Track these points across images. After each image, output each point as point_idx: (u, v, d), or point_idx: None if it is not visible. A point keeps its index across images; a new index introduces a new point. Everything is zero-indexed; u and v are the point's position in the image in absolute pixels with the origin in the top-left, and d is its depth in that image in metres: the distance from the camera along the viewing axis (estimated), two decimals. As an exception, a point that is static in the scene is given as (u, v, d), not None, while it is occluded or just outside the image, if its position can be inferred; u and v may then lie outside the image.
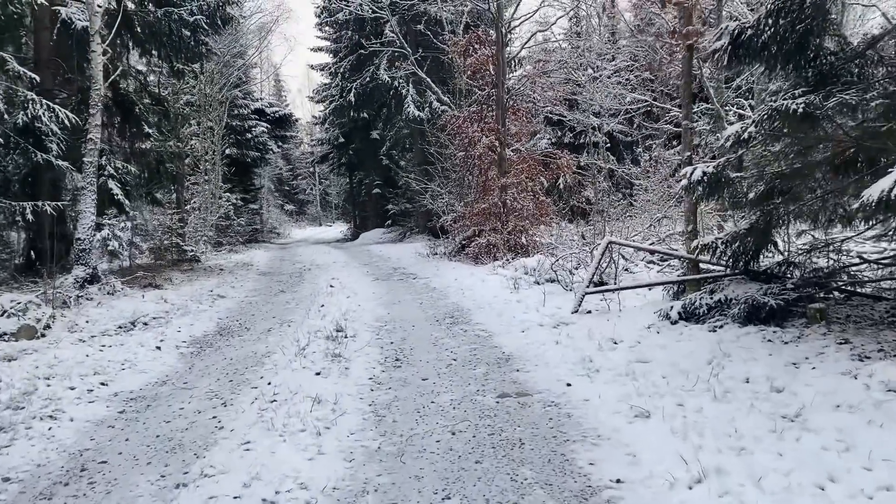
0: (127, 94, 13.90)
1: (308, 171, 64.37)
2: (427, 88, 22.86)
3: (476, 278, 11.51)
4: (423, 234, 25.73)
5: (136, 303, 10.38)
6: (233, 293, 11.97)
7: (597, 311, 8.00)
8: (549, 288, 9.76)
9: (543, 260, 10.87)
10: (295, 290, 12.01)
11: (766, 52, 6.23)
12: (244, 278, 14.36)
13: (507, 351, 6.53)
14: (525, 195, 15.04)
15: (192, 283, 13.39)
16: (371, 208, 34.84)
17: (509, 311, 8.38)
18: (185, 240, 19.24)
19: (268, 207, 50.04)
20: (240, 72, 29.01)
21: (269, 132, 35.79)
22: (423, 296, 10.60)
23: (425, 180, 20.91)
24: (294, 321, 8.72)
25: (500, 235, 14.69)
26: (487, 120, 15.56)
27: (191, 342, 7.90)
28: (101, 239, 18.93)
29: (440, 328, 7.87)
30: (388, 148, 29.71)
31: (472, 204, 15.99)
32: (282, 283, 13.48)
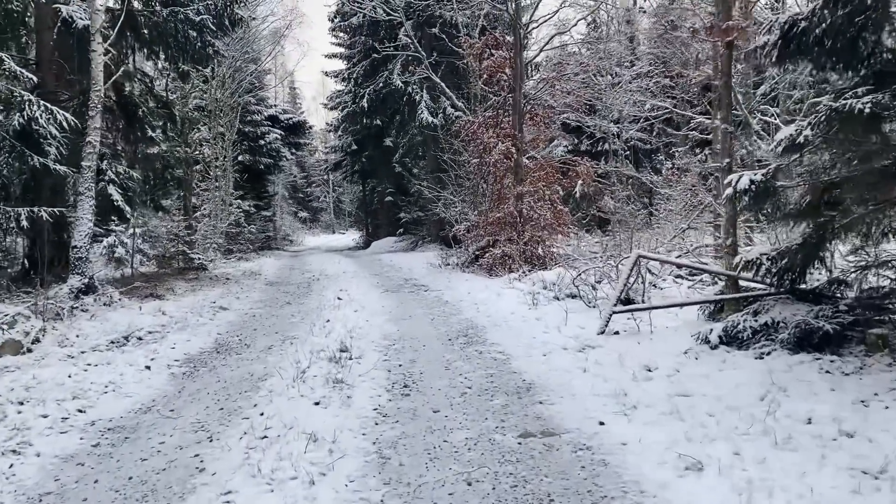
0: (130, 97, 13.43)
1: (322, 179, 64.13)
2: (441, 94, 22.31)
3: (491, 292, 10.86)
4: (436, 244, 25.11)
5: (133, 315, 9.82)
6: (236, 305, 11.39)
7: (625, 333, 7.33)
8: (570, 304, 9.10)
9: (563, 273, 10.21)
10: (301, 303, 11.42)
11: (819, 48, 5.57)
12: (250, 288, 13.79)
13: (528, 378, 5.86)
14: (542, 204, 14.38)
15: (195, 293, 12.84)
16: (383, 216, 34.30)
17: (528, 331, 7.72)
18: (193, 247, 18.74)
19: (281, 215, 49.70)
20: (252, 77, 28.59)
21: (282, 139, 35.42)
22: (435, 310, 9.97)
23: (438, 188, 20.33)
24: (297, 337, 8.11)
25: (515, 246, 14.04)
26: (503, 125, 14.95)
27: (184, 361, 7.30)
28: (107, 246, 18.56)
29: (453, 349, 7.22)
30: (400, 155, 29.19)
31: (486, 213, 15.36)
32: (288, 294, 12.89)
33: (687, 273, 11.22)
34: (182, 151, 18.47)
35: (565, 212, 14.79)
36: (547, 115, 15.42)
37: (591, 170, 14.66)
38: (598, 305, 8.91)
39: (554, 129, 15.42)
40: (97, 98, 11.21)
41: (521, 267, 13.34)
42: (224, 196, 24.77)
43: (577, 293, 9.61)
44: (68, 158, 11.77)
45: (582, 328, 7.61)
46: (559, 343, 6.91)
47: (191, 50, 13.59)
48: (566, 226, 14.98)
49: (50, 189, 12.42)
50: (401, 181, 29.31)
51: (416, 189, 25.91)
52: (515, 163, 14.58)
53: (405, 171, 28.46)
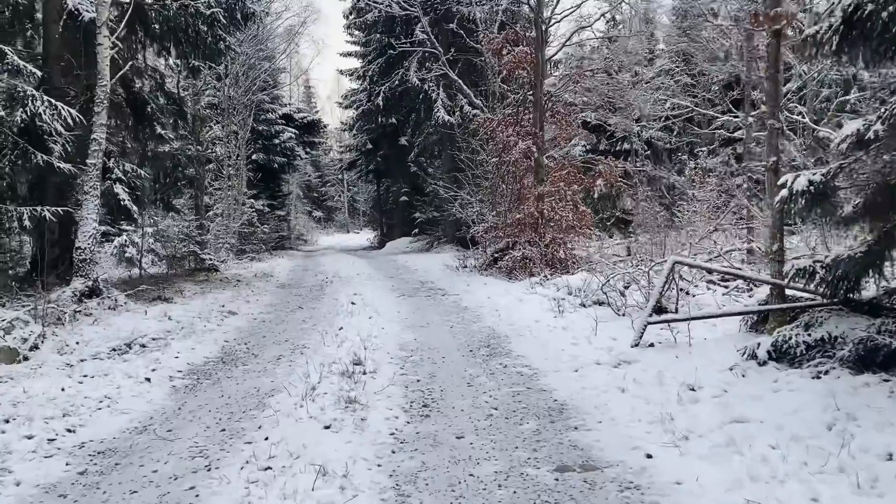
0: (139, 93, 13.02)
1: (336, 178, 63.84)
2: (458, 91, 21.80)
3: (512, 297, 10.32)
4: (452, 244, 24.61)
5: (137, 320, 9.39)
6: (246, 309, 10.94)
7: (661, 345, 6.77)
8: (598, 312, 8.54)
9: (589, 279, 9.65)
10: (313, 307, 10.94)
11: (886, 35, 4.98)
12: (261, 291, 13.35)
13: (560, 398, 5.33)
14: (564, 205, 13.82)
15: (204, 295, 12.41)
16: (398, 216, 33.86)
17: (555, 342, 7.18)
18: (205, 248, 18.35)
19: (295, 214, 49.38)
20: (266, 75, 28.23)
21: (296, 138, 35.07)
22: (454, 317, 9.45)
23: (454, 188, 19.83)
24: (308, 347, 7.62)
25: (536, 248, 13.50)
26: (524, 123, 14.39)
27: (187, 372, 6.84)
28: (118, 246, 18.19)
29: (475, 361, 6.70)
30: (416, 154, 28.71)
31: (505, 214, 14.83)
32: (301, 297, 12.43)
33: (718, 278, 10.64)
34: (194, 150, 18.08)
35: (588, 213, 14.22)
36: (568, 112, 14.85)
37: (615, 169, 14.06)
38: (628, 313, 8.36)
39: (575, 128, 14.85)
40: (103, 93, 10.80)
41: (542, 270, 12.79)
42: (237, 195, 24.42)
43: (604, 300, 9.05)
44: (75, 156, 11.39)
45: (614, 339, 7.06)
46: (591, 357, 6.36)
47: (202, 45, 13.16)
48: (588, 228, 14.40)
49: (56, 188, 12.04)
50: (416, 181, 28.85)
51: (431, 189, 25.44)
52: (536, 162, 14.03)
53: (420, 171, 27.99)
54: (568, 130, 14.61)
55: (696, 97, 24.01)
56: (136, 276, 13.80)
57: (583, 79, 14.32)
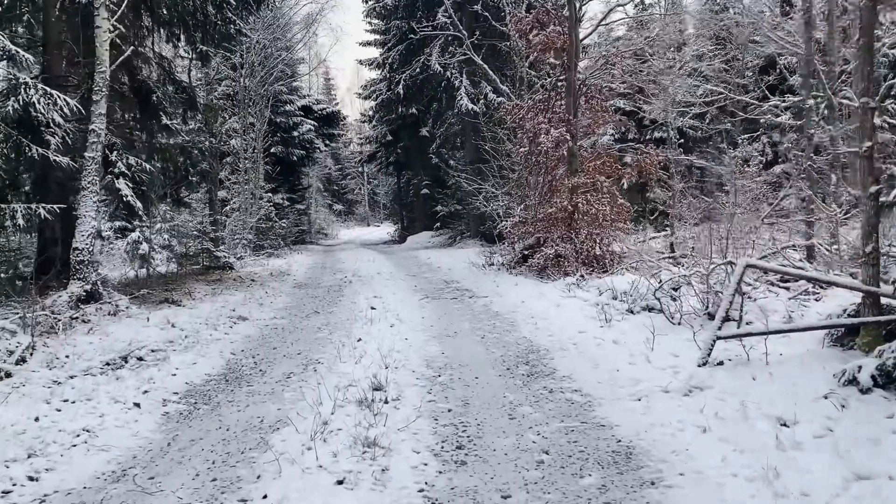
0: (145, 82, 12.21)
1: (357, 171, 63.24)
2: (482, 78, 20.78)
3: (548, 301, 9.34)
4: (476, 239, 23.67)
5: (138, 328, 8.58)
6: (258, 313, 10.09)
7: (732, 363, 5.76)
8: (649, 321, 7.55)
9: (637, 281, 8.63)
10: (330, 311, 10.07)
11: None
12: (276, 292, 12.51)
13: (624, 437, 4.37)
14: (600, 197, 12.79)
15: (214, 297, 11.60)
16: (419, 210, 32.99)
17: (607, 359, 6.20)
18: (219, 245, 17.60)
19: (316, 208, 48.75)
20: (284, 65, 27.39)
21: (315, 130, 34.26)
22: (484, 324, 8.50)
23: (478, 180, 18.86)
24: (322, 362, 6.73)
25: (570, 245, 12.50)
26: (556, 109, 13.36)
27: (184, 394, 5.98)
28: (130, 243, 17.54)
29: (514, 383, 5.75)
30: (437, 146, 27.78)
31: (535, 208, 13.83)
32: (317, 299, 11.57)
33: (778, 278, 9.57)
34: (206, 142, 17.30)
35: (626, 207, 13.17)
36: (604, 98, 13.78)
37: (655, 158, 12.97)
38: (684, 322, 7.35)
39: (610, 114, 13.79)
40: (102, 80, 9.98)
41: (577, 269, 11.80)
42: (254, 189, 23.65)
43: (655, 306, 8.05)
44: (76, 150, 10.62)
45: (675, 356, 6.07)
46: (654, 380, 5.38)
47: (211, 29, 12.34)
48: (626, 222, 13.36)
49: (57, 184, 11.28)
50: (437, 173, 27.94)
51: (453, 181, 24.51)
52: (569, 151, 13.00)
53: (442, 163, 27.06)
54: (604, 117, 13.55)
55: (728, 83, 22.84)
56: (140, 278, 13.04)
57: (620, 61, 13.24)
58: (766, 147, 25.97)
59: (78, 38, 11.62)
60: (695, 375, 5.36)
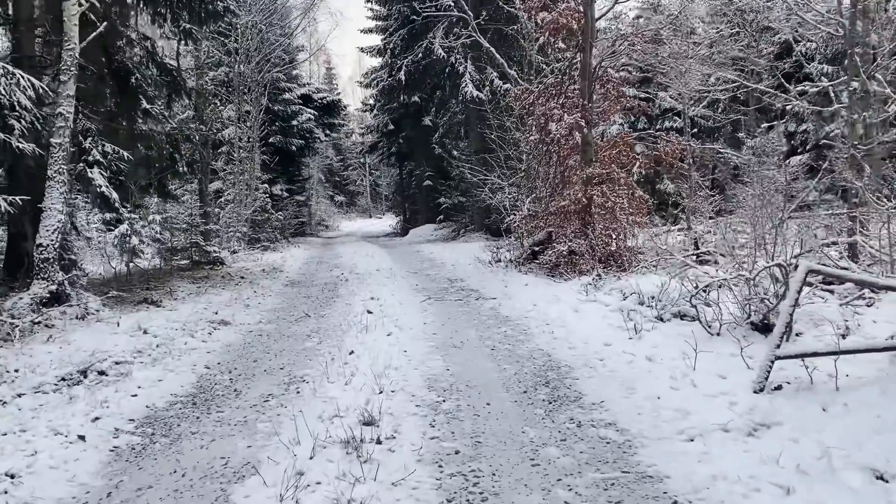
0: (123, 63, 11.22)
1: (359, 162, 62.34)
2: (488, 63, 19.73)
3: (565, 305, 8.38)
4: (480, 232, 22.72)
5: (105, 335, 7.65)
6: (243, 316, 9.15)
7: (791, 387, 4.82)
8: (683, 329, 6.60)
9: (667, 283, 7.66)
10: (322, 315, 9.12)
11: None
12: (266, 291, 11.57)
13: (681, 497, 3.42)
14: (617, 190, 11.80)
15: (198, 297, 10.67)
16: (422, 201, 32.01)
17: (643, 381, 5.24)
18: (209, 238, 16.66)
19: (317, 199, 47.87)
20: (281, 51, 26.35)
21: (315, 119, 33.25)
22: (494, 332, 7.55)
23: (484, 171, 17.90)
24: (307, 380, 5.79)
25: (584, 241, 11.53)
26: (569, 94, 12.36)
27: (142, 421, 5.04)
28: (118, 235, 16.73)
29: (534, 413, 4.80)
30: (440, 135, 26.79)
31: (546, 200, 12.85)
32: (310, 299, 10.63)
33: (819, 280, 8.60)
34: (197, 129, 16.34)
35: (645, 200, 12.18)
36: (619, 82, 12.76)
37: (678, 147, 11.97)
38: (723, 332, 6.40)
39: (628, 100, 12.78)
40: (70, 59, 9.03)
41: (593, 268, 10.84)
42: (249, 180, 22.69)
43: (688, 312, 7.10)
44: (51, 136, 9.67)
45: (723, 378, 5.11)
46: (706, 412, 4.42)
47: (196, 4, 11.33)
48: (644, 216, 12.36)
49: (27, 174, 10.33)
50: (440, 163, 26.97)
51: (457, 172, 23.58)
52: (584, 139, 12.00)
53: (445, 153, 26.08)
54: (621, 102, 12.53)
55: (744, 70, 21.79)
56: (120, 275, 12.09)
57: (640, 42, 12.20)
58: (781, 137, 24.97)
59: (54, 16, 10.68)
60: (756, 407, 4.40)
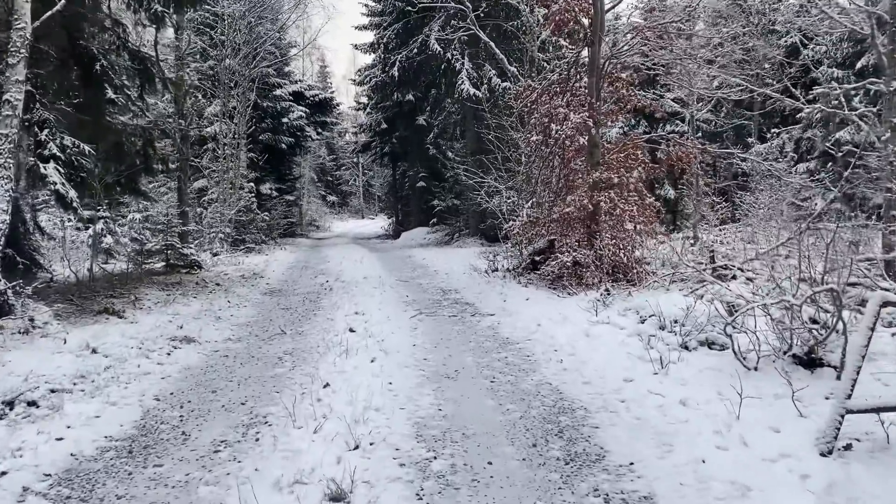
0: (87, 47, 10.20)
1: (352, 162, 61.38)
2: (486, 61, 18.84)
3: (573, 326, 7.41)
4: (475, 238, 21.77)
5: (46, 354, 6.64)
6: (210, 332, 8.15)
7: (863, 446, 3.88)
8: (713, 361, 5.66)
9: (692, 305, 6.71)
10: (300, 331, 8.13)
11: None
12: (241, 300, 10.58)
13: None
14: (627, 196, 10.88)
15: (166, 307, 9.66)
16: (414, 203, 31.02)
17: (680, 435, 4.27)
18: (187, 240, 15.63)
19: (308, 199, 46.85)
20: (271, 45, 25.27)
21: (307, 117, 32.19)
22: (493, 358, 6.58)
23: (480, 173, 16.97)
24: (270, 422, 4.81)
25: (590, 251, 10.60)
26: (575, 91, 11.42)
27: (59, 478, 4.04)
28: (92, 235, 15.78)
29: (547, 479, 3.82)
30: (434, 135, 25.84)
31: (547, 206, 11.91)
32: (288, 312, 9.63)
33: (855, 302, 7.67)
34: (176, 124, 15.32)
35: (656, 207, 11.25)
36: (630, 79, 11.81)
37: (694, 150, 11.03)
38: (760, 367, 5.45)
39: (638, 98, 11.83)
40: (21, 39, 8.01)
41: (601, 281, 9.91)
42: (233, 178, 21.65)
43: (717, 340, 6.16)
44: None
45: (775, 430, 4.16)
46: (769, 486, 3.46)
47: (168, -14, 10.34)
48: (653, 224, 11.43)
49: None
50: (434, 165, 26.03)
51: (451, 174, 22.66)
52: (591, 141, 11.07)
53: (439, 154, 25.12)
54: (631, 101, 11.59)
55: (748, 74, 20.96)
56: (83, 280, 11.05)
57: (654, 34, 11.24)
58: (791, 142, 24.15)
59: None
60: (835, 483, 3.44)
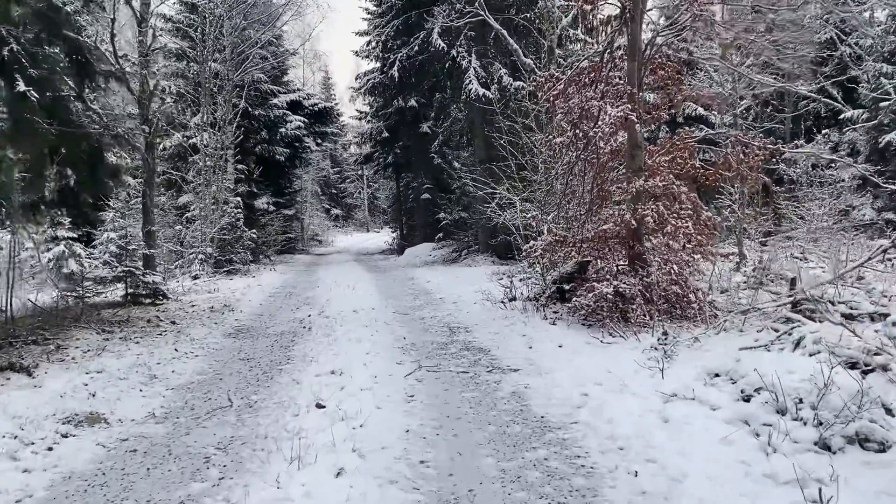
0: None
1: (356, 174, 59.51)
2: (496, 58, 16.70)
3: (638, 400, 5.14)
4: (486, 255, 19.55)
5: None
6: (130, 403, 5.94)
7: None
8: (881, 476, 3.42)
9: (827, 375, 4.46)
10: (252, 404, 5.89)
11: None
12: (194, 346, 8.36)
13: None
14: (679, 209, 8.65)
15: (92, 359, 7.46)
16: (420, 216, 28.86)
17: None
18: (152, 265, 13.48)
19: (311, 212, 44.83)
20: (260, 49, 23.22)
21: (306, 127, 30.07)
22: (527, 461, 4.32)
23: (490, 183, 14.83)
24: None
25: (635, 279, 8.37)
26: (611, 80, 9.20)
27: None
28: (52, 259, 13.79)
29: None
30: (440, 143, 23.73)
31: (580, 222, 9.65)
32: (248, 364, 7.41)
33: None
34: (140, 131, 13.21)
35: (714, 222, 9.00)
36: (678, 66, 9.59)
37: (764, 152, 8.78)
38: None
39: (688, 90, 9.65)
40: None
41: (652, 319, 7.69)
42: (216, 193, 19.53)
43: (871, 434, 3.93)
44: None
45: None
46: None
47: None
48: (710, 243, 9.18)
49: None
50: (440, 175, 23.91)
51: (458, 185, 20.51)
52: (632, 140, 8.88)
53: (445, 164, 22.99)
54: (682, 92, 9.38)
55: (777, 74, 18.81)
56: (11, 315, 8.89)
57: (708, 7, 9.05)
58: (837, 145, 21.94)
59: None
60: None
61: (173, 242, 18.85)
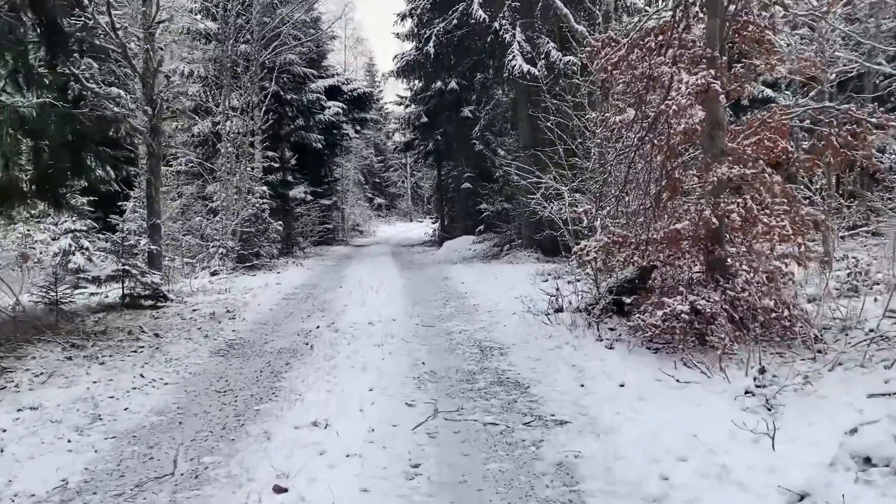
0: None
1: (400, 163, 58.25)
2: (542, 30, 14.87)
3: (739, 491, 3.43)
4: (529, 250, 17.79)
5: None
6: (42, 466, 4.47)
7: None
8: None
9: None
10: (199, 473, 4.36)
11: None
12: (166, 371, 6.86)
13: None
14: (771, 203, 6.79)
15: (36, 388, 6.07)
16: (460, 207, 27.23)
17: None
18: (156, 263, 12.19)
19: (353, 202, 43.60)
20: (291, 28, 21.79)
21: (345, 113, 28.63)
22: None
23: (536, 171, 13.13)
24: None
25: (717, 293, 6.56)
26: (686, 43, 7.32)
27: None
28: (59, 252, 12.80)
29: None
30: (481, 128, 22.00)
31: (646, 217, 7.83)
32: (221, 400, 5.88)
33: None
34: (143, 110, 11.90)
35: (813, 217, 7.10)
36: (770, 26, 7.66)
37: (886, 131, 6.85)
38: None
39: (781, 56, 7.74)
40: None
41: (733, 343, 5.90)
42: (239, 183, 18.24)
43: None
44: None
45: None
46: None
47: None
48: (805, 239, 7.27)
49: None
50: (482, 163, 22.20)
51: (501, 174, 18.83)
52: (710, 118, 7.05)
53: (487, 150, 21.26)
54: (773, 57, 7.49)
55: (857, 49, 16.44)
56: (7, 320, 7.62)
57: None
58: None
59: None
60: None
61: (195, 235, 17.69)
